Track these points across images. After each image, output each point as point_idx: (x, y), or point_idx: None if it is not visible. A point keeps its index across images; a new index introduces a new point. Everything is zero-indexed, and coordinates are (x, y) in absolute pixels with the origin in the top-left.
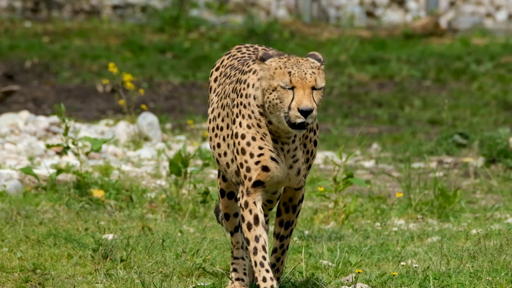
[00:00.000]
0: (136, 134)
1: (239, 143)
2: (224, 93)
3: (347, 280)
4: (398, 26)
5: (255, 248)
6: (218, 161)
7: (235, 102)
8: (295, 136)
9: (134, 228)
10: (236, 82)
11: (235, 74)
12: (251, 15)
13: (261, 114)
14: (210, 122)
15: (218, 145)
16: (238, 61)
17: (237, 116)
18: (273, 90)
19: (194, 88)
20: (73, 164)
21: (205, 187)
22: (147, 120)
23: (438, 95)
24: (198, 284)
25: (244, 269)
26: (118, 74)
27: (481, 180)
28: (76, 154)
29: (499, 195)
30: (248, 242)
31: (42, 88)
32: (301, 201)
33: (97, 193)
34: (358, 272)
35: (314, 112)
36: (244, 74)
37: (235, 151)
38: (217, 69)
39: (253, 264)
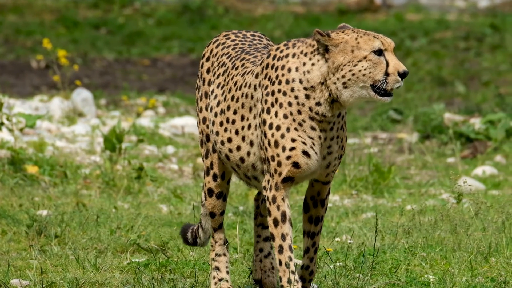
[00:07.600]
0: (71, 110)
1: (272, 135)
2: (234, 85)
3: None
4: (332, 2)
5: (281, 247)
6: (227, 157)
7: (268, 90)
8: (334, 123)
9: (68, 204)
10: (265, 69)
11: (245, 63)
12: None
13: (307, 97)
14: (216, 116)
15: (229, 139)
16: (233, 49)
17: (272, 105)
18: (359, 61)
19: (129, 64)
20: (7, 140)
21: (140, 163)
22: (82, 96)
23: None
24: (133, 260)
25: (227, 267)
26: (52, 50)
27: (416, 156)
28: (11, 130)
29: (433, 171)
30: (273, 238)
31: None
32: (328, 194)
33: (32, 169)
34: (293, 248)
35: None
36: (278, 60)
37: (266, 142)
38: (207, 60)
39: (277, 262)
